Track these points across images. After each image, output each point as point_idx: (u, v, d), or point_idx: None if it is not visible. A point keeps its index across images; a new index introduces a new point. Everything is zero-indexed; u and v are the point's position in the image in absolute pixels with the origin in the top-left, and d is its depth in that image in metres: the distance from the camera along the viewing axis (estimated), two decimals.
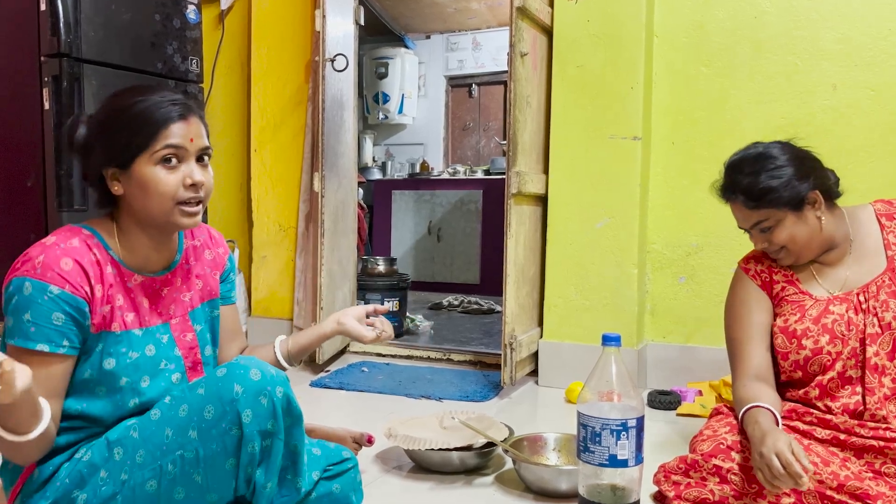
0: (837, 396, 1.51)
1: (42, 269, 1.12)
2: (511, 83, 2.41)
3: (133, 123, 1.19)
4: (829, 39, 2.42)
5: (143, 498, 1.16)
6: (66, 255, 1.15)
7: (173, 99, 1.22)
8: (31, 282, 1.12)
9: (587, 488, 1.34)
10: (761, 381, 1.55)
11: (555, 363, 2.60)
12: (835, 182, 1.60)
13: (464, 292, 4.91)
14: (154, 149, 1.18)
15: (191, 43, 2.93)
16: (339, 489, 1.36)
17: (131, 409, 1.23)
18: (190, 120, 1.22)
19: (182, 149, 1.20)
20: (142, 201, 1.20)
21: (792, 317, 1.56)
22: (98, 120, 1.23)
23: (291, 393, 1.20)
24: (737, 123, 2.52)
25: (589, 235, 2.57)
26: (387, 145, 6.51)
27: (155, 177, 1.18)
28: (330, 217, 2.82)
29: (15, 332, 1.13)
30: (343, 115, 2.95)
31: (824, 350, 1.51)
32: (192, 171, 1.21)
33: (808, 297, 1.58)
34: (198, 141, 1.23)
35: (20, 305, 1.13)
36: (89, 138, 1.23)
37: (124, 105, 1.21)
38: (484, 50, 6.10)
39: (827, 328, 1.52)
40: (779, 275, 1.62)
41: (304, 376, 2.74)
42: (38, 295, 1.12)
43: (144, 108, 1.19)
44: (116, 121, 1.20)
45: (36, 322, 1.12)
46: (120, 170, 1.20)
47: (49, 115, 2.47)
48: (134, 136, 1.18)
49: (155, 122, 1.18)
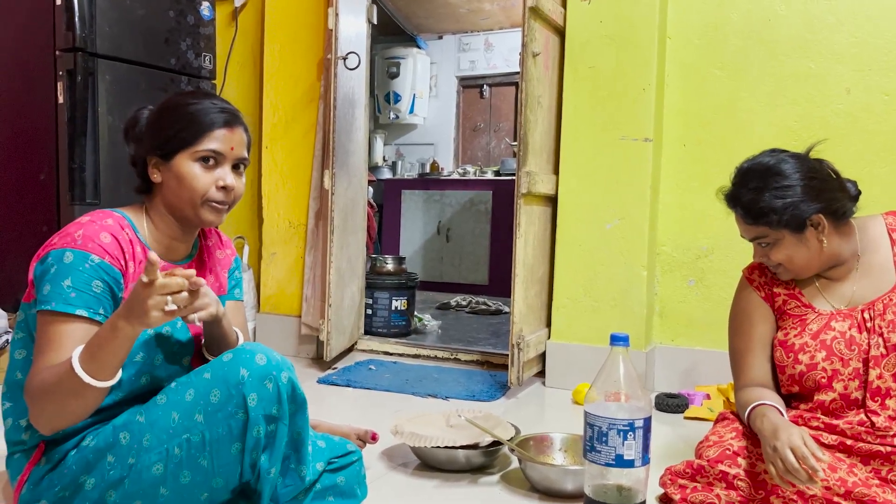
0: (842, 416, 1.48)
1: (83, 241, 1.19)
2: (523, 83, 2.41)
3: (182, 120, 1.28)
4: (844, 43, 2.40)
5: (150, 481, 1.17)
6: (104, 230, 1.22)
7: (224, 107, 1.32)
8: (72, 251, 1.18)
9: (593, 488, 1.34)
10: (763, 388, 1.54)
11: (562, 364, 2.59)
12: (853, 197, 1.53)
13: (472, 293, 4.91)
14: (196, 147, 1.27)
15: (204, 39, 2.95)
16: (343, 481, 1.37)
17: (143, 384, 1.25)
18: (234, 129, 1.31)
19: (221, 154, 1.29)
20: (175, 192, 1.28)
21: (792, 331, 1.54)
22: (155, 113, 1.33)
23: (296, 380, 1.22)
24: (749, 126, 2.51)
25: (599, 237, 2.56)
26: (397, 145, 6.51)
27: (191, 171, 1.27)
28: (340, 215, 2.83)
29: (53, 298, 1.16)
30: (354, 113, 2.95)
31: (819, 366, 1.48)
32: (226, 175, 1.29)
33: (811, 311, 1.54)
34: (238, 150, 1.32)
35: (60, 272, 1.17)
36: (145, 128, 1.32)
37: (179, 103, 1.30)
38: (496, 51, 6.10)
39: (825, 344, 1.49)
40: (780, 287, 1.59)
41: (312, 373, 2.74)
42: (79, 262, 1.17)
43: (196, 110, 1.29)
44: (169, 116, 1.29)
45: (77, 288, 1.16)
46: (162, 160, 1.29)
47: (63, 110, 2.49)
48: (180, 132, 1.27)
49: (202, 124, 1.28)
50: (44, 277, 1.18)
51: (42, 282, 1.18)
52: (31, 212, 2.60)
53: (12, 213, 2.66)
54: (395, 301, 3.32)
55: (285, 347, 3.00)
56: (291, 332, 3.04)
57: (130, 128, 1.35)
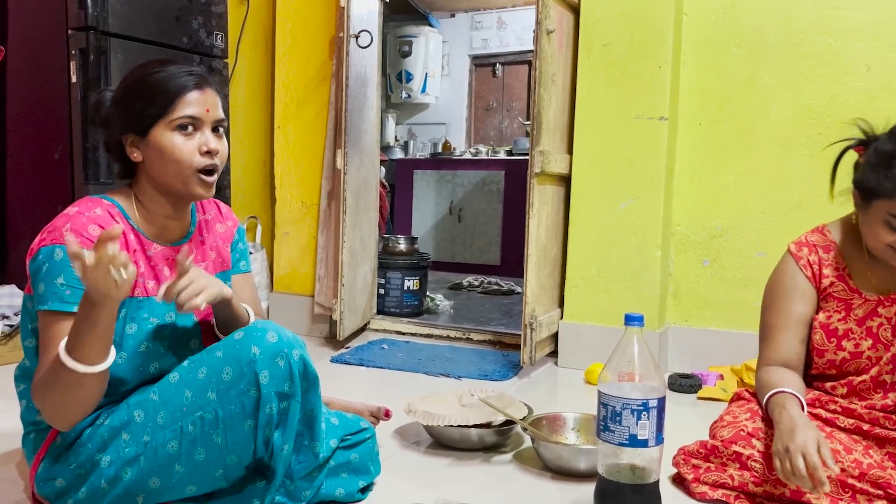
0: (866, 398, 1.47)
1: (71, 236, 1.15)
2: (536, 61, 2.39)
3: (151, 91, 1.22)
4: (864, 20, 2.35)
5: (165, 458, 1.18)
6: (92, 222, 1.18)
7: (190, 70, 1.26)
8: (61, 248, 1.15)
9: (606, 467, 1.34)
10: (787, 368, 1.51)
11: (575, 344, 2.59)
12: None
13: (484, 273, 4.90)
14: (171, 117, 1.22)
15: (216, 18, 2.93)
16: (356, 458, 1.38)
17: (153, 373, 1.25)
18: (206, 90, 1.26)
19: (198, 119, 1.24)
20: (159, 167, 1.24)
21: (836, 314, 1.50)
22: (119, 90, 1.27)
23: (308, 357, 1.21)
24: (766, 104, 2.48)
25: (612, 216, 2.54)
26: (409, 124, 6.48)
27: (171, 142, 1.22)
28: (352, 194, 2.83)
29: (49, 298, 1.14)
30: (366, 92, 2.94)
31: (864, 354, 1.46)
32: (207, 139, 1.25)
33: (857, 296, 1.49)
34: (213, 111, 1.26)
35: (52, 271, 1.15)
36: (111, 108, 1.27)
37: (143, 74, 1.25)
38: (509, 29, 6.04)
39: (871, 332, 1.46)
40: (829, 269, 1.52)
41: (325, 352, 2.76)
42: (69, 259, 1.14)
43: (162, 78, 1.23)
44: (135, 90, 1.24)
45: (70, 285, 1.14)
46: (138, 137, 1.24)
47: (76, 89, 2.49)
48: (151, 104, 1.22)
49: (172, 91, 1.22)
50: (37, 276, 1.16)
51: (36, 280, 1.16)
52: (45, 191, 2.61)
53: (27, 192, 2.67)
54: (407, 281, 3.33)
55: (298, 327, 3.02)
56: (304, 311, 3.06)
57: (95, 112, 1.29)
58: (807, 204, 2.43)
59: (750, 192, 2.52)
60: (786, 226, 2.46)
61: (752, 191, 2.52)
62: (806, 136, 2.43)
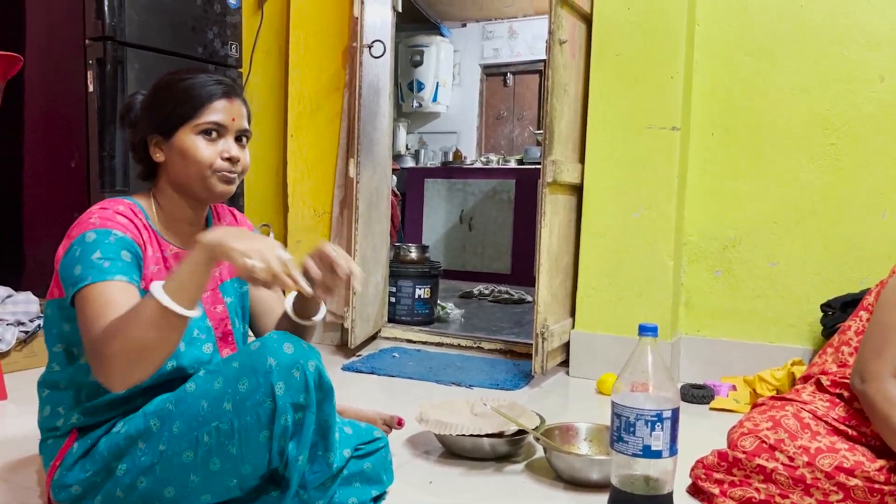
0: None
1: (101, 222, 1.18)
2: (549, 71, 2.39)
3: (180, 95, 1.25)
4: (879, 29, 2.35)
5: (181, 468, 1.19)
6: (118, 214, 1.22)
7: (220, 79, 1.29)
8: (93, 231, 1.17)
9: (620, 478, 1.33)
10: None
11: (586, 354, 2.59)
12: None
13: (494, 282, 4.91)
14: (197, 121, 1.25)
15: (231, 28, 2.96)
16: (370, 467, 1.38)
17: (169, 371, 1.26)
18: (234, 100, 1.29)
19: (223, 126, 1.26)
20: (181, 168, 1.26)
21: None
22: (149, 93, 1.30)
23: (323, 368, 1.22)
24: (779, 114, 2.47)
25: (624, 226, 2.54)
26: (420, 133, 6.51)
27: (194, 144, 1.25)
28: (364, 203, 2.84)
29: (87, 274, 1.13)
30: (379, 101, 2.95)
31: None
32: (229, 146, 1.27)
33: None
34: (239, 121, 1.29)
35: (87, 250, 1.15)
36: (140, 110, 1.30)
37: (174, 79, 1.28)
38: (520, 38, 6.06)
39: None
40: None
41: (336, 360, 2.76)
42: (103, 238, 1.16)
43: (192, 84, 1.26)
44: (165, 93, 1.27)
45: (108, 257, 1.15)
46: (163, 138, 1.27)
47: (93, 98, 2.52)
48: (179, 107, 1.25)
49: (200, 96, 1.25)
50: (71, 264, 1.15)
51: (71, 269, 1.15)
52: (62, 198, 2.64)
53: (44, 199, 2.70)
54: (418, 289, 3.33)
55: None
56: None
57: (126, 113, 1.32)
58: (820, 214, 2.42)
59: (763, 201, 2.52)
60: (799, 236, 2.45)
61: (765, 201, 2.51)
62: (819, 145, 2.42)
